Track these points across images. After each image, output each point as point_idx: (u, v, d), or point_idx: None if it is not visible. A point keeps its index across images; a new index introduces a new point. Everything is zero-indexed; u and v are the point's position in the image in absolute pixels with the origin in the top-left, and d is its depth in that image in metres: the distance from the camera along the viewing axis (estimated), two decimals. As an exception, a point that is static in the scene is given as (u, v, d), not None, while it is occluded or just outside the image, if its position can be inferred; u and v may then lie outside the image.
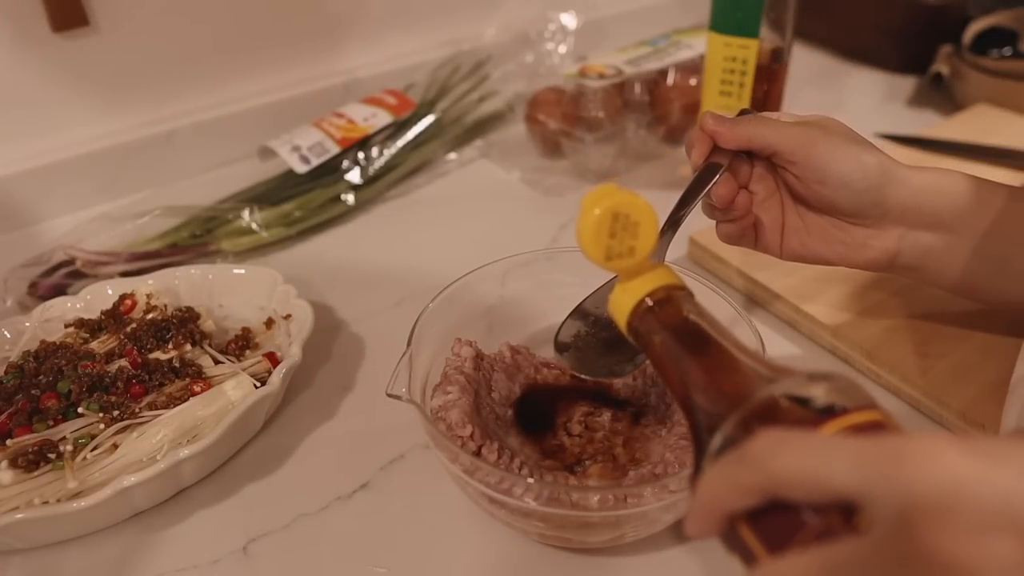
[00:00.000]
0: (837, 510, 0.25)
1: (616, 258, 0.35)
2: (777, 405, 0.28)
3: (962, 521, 0.22)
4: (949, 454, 0.23)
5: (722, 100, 0.67)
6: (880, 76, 0.95)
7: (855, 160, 0.44)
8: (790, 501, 0.25)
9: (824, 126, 0.45)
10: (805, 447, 0.25)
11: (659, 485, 0.38)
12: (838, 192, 0.44)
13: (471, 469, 0.39)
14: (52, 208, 0.72)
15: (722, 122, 0.45)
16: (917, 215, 0.45)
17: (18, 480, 0.42)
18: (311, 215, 0.69)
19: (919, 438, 0.24)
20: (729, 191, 0.46)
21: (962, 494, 0.22)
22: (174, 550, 0.43)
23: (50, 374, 0.47)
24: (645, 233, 0.35)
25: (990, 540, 0.22)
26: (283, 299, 0.56)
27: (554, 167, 0.78)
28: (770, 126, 0.45)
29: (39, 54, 0.68)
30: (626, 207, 0.34)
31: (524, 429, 0.46)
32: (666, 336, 0.34)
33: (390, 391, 0.41)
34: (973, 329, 0.53)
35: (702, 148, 0.45)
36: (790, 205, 0.47)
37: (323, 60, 0.84)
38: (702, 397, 0.31)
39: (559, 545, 0.42)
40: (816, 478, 0.25)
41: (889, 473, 0.23)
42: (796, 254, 0.48)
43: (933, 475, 0.23)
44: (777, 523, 0.26)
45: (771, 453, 0.26)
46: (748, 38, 0.64)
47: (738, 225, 0.47)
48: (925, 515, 0.22)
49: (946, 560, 0.22)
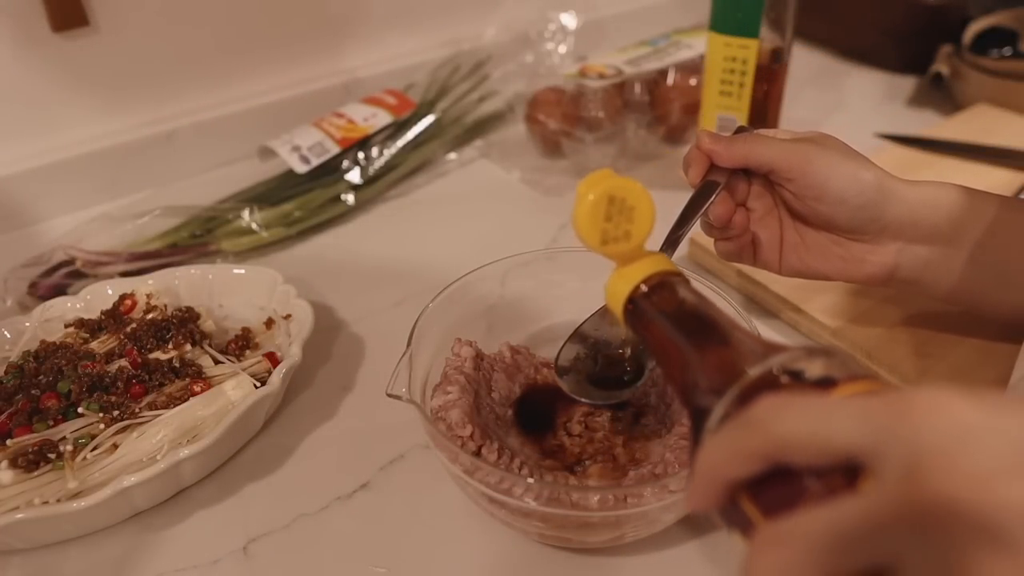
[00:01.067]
0: (842, 473, 0.24)
1: (612, 242, 0.34)
2: (775, 379, 0.28)
3: (973, 468, 0.21)
4: (956, 403, 0.23)
5: (722, 100, 0.67)
6: (880, 76, 0.95)
7: (852, 176, 0.44)
8: (793, 466, 0.25)
9: (820, 143, 0.46)
10: (808, 408, 0.25)
11: (659, 485, 0.38)
12: (835, 208, 0.45)
13: (471, 469, 0.39)
14: (52, 208, 0.72)
15: (718, 141, 0.45)
16: (914, 229, 0.45)
17: (18, 480, 0.42)
18: (311, 215, 0.69)
19: (925, 390, 0.23)
20: (726, 209, 0.46)
21: (971, 440, 0.22)
22: (174, 550, 0.43)
23: (50, 374, 0.47)
24: (641, 217, 0.34)
25: (1002, 484, 0.21)
26: (283, 299, 0.56)
27: (554, 167, 0.78)
28: (766, 144, 0.45)
29: (39, 54, 0.68)
30: (622, 191, 0.34)
31: (524, 429, 0.46)
32: (663, 320, 0.33)
33: (390, 391, 0.41)
34: (973, 329, 0.53)
35: (699, 167, 0.46)
36: (788, 222, 0.48)
37: (323, 60, 0.84)
38: (700, 377, 0.31)
39: (559, 545, 0.42)
40: (820, 437, 0.24)
41: (895, 425, 0.23)
42: (795, 270, 0.48)
43: (941, 424, 0.22)
44: (779, 491, 0.25)
45: (773, 416, 0.25)
46: (748, 38, 0.64)
47: (736, 243, 0.48)
48: (934, 462, 0.22)
49: (958, 507, 0.21)
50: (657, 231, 0.45)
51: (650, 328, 0.34)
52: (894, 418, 0.23)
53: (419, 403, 0.42)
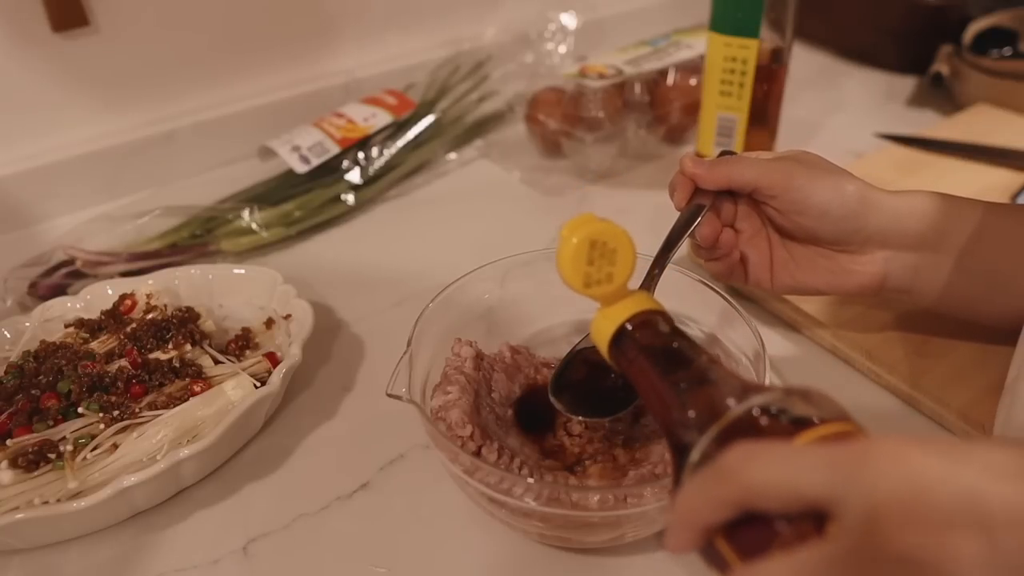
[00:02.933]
0: (810, 519, 0.25)
1: (595, 285, 0.36)
2: (753, 420, 0.29)
3: (927, 518, 0.22)
4: (913, 455, 0.23)
5: (722, 100, 0.68)
6: (880, 76, 0.95)
7: (833, 189, 0.45)
8: (764, 512, 0.26)
9: (801, 159, 0.47)
10: (774, 457, 0.26)
11: (659, 485, 0.38)
12: (819, 222, 0.46)
13: (471, 469, 0.39)
14: (52, 208, 0.72)
15: (700, 164, 0.47)
16: (900, 237, 0.46)
17: (18, 480, 0.42)
18: (311, 215, 0.69)
19: (883, 440, 0.24)
20: (712, 230, 0.47)
21: (927, 492, 0.23)
22: (174, 550, 0.43)
23: (50, 374, 0.47)
24: (623, 260, 0.36)
25: (955, 536, 0.22)
26: (283, 299, 0.56)
27: (554, 167, 0.78)
28: (748, 164, 0.46)
29: (39, 54, 0.68)
30: (603, 235, 0.35)
31: (524, 429, 0.46)
32: (645, 359, 0.34)
33: (390, 391, 0.41)
34: (973, 330, 0.53)
35: (684, 191, 0.47)
36: (776, 240, 0.49)
37: (323, 60, 0.84)
38: (681, 415, 0.31)
39: (559, 545, 0.42)
40: (786, 486, 0.25)
41: (855, 475, 0.24)
42: (787, 287, 0.49)
43: (897, 475, 0.23)
44: (752, 534, 0.26)
45: (743, 465, 0.26)
46: (748, 38, 0.64)
47: (725, 263, 0.49)
48: (891, 514, 0.23)
49: (913, 557, 0.22)
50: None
51: (634, 366, 0.35)
52: (854, 468, 0.24)
53: (419, 403, 0.42)
